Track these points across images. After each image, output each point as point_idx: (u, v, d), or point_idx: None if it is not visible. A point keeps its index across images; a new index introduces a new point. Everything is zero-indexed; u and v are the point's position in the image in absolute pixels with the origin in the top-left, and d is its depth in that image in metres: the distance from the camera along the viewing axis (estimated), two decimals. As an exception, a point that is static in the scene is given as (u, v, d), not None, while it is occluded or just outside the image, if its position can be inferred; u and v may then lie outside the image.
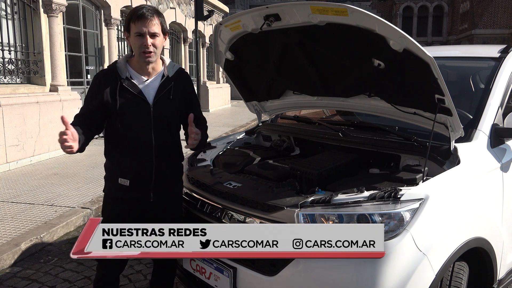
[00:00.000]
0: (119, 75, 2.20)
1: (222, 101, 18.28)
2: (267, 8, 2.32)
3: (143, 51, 2.13)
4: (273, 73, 2.86)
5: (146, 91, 2.22)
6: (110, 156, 2.31)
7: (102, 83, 2.21)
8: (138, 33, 2.12)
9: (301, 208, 1.97)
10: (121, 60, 2.26)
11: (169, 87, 2.25)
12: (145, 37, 2.11)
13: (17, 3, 7.18)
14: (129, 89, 2.19)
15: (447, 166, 2.23)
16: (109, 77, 2.22)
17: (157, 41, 2.16)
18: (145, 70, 2.23)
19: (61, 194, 5.27)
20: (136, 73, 2.23)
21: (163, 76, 2.27)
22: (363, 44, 2.21)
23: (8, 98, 6.53)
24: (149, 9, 2.15)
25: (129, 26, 2.16)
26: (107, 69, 2.28)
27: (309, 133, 3.04)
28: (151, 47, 2.14)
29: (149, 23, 2.11)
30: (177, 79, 2.30)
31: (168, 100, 2.25)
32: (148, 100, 2.21)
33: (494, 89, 2.60)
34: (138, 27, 2.11)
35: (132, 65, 2.25)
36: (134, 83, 2.21)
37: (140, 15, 2.11)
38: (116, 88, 2.18)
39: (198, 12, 9.43)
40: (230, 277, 2.12)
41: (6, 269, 3.55)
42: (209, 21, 17.23)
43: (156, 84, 2.24)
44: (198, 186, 2.47)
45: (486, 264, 2.32)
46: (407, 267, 1.85)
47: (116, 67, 2.23)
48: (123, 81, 2.19)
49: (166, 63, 2.31)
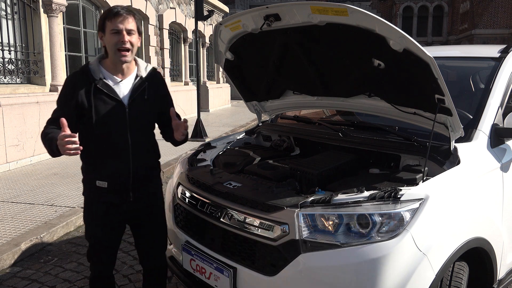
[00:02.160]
0: (92, 76, 2.18)
1: (222, 101, 18.28)
2: (267, 8, 2.32)
3: (119, 48, 2.13)
4: (273, 73, 2.86)
5: (120, 92, 2.22)
6: (86, 159, 2.30)
7: (76, 86, 2.18)
8: (115, 30, 2.11)
9: (301, 208, 1.96)
10: (93, 62, 2.25)
11: (144, 87, 2.26)
12: (121, 33, 2.12)
13: (17, 3, 7.17)
14: (104, 90, 2.18)
15: (447, 166, 2.23)
16: (82, 79, 2.19)
17: (133, 38, 2.16)
18: (119, 70, 2.22)
19: (61, 194, 5.27)
20: (110, 74, 2.22)
21: (137, 76, 2.27)
22: (363, 44, 2.21)
23: (8, 98, 6.53)
24: (123, 8, 2.17)
25: (104, 24, 2.15)
26: (79, 71, 2.26)
27: (309, 133, 3.04)
28: (128, 44, 2.14)
29: (125, 20, 2.12)
30: (151, 79, 2.31)
31: (143, 100, 2.26)
32: (123, 101, 2.21)
33: (494, 89, 2.60)
34: (114, 24, 2.11)
35: (106, 66, 2.23)
36: (108, 84, 2.20)
37: (116, 12, 2.12)
38: (90, 90, 2.16)
39: (198, 12, 9.42)
40: (230, 277, 2.12)
41: (6, 269, 3.55)
42: (209, 21, 17.23)
43: (130, 85, 2.25)
44: (198, 186, 2.47)
45: (486, 264, 2.32)
46: (407, 267, 1.85)
47: (89, 68, 2.21)
48: (97, 82, 2.17)
49: (139, 64, 2.31)
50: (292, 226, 1.95)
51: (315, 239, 1.93)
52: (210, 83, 17.33)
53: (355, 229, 1.90)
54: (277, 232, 2.00)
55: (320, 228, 1.94)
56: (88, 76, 2.19)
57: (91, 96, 2.16)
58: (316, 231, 1.94)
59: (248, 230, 2.12)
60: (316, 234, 1.94)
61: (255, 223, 2.10)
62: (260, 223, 2.07)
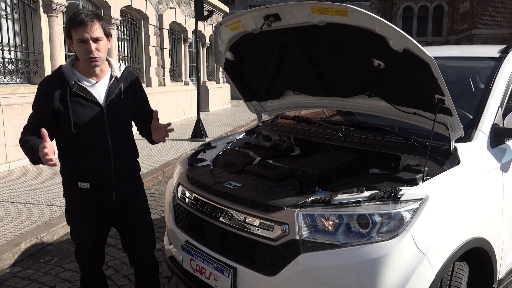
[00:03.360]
0: (67, 79, 2.16)
1: (222, 101, 18.28)
2: (267, 8, 2.32)
3: (88, 57, 2.11)
4: (273, 73, 2.86)
5: (97, 94, 2.21)
6: (66, 161, 2.29)
7: (50, 90, 2.15)
8: (80, 39, 2.08)
9: (301, 208, 1.96)
10: (66, 65, 2.23)
11: (119, 88, 2.27)
12: (88, 43, 2.08)
13: (17, 3, 7.18)
14: (80, 93, 2.17)
15: (447, 166, 2.23)
16: (56, 83, 2.17)
17: (100, 45, 2.13)
18: (93, 73, 2.22)
19: (61, 194, 5.22)
20: (84, 77, 2.21)
21: (111, 77, 2.27)
22: (363, 44, 2.21)
23: (8, 98, 6.53)
24: (88, 14, 2.10)
25: (70, 32, 2.12)
26: (52, 75, 2.23)
27: (309, 133, 3.04)
28: (96, 52, 2.11)
29: (90, 29, 2.07)
30: (126, 79, 2.32)
31: (120, 100, 2.26)
32: (100, 102, 2.21)
33: (494, 89, 2.60)
34: (79, 34, 2.07)
35: (79, 69, 2.22)
36: (83, 87, 2.19)
37: (80, 21, 2.06)
38: (66, 94, 2.15)
39: (198, 12, 9.42)
40: (230, 277, 2.12)
41: (6, 269, 3.55)
42: (209, 21, 17.23)
43: (106, 86, 2.24)
44: (198, 186, 2.47)
45: (486, 264, 2.32)
46: (407, 267, 1.85)
47: (63, 72, 2.19)
48: (72, 85, 2.16)
49: (113, 64, 2.30)
50: (292, 226, 1.95)
51: (315, 239, 1.93)
52: (210, 83, 17.33)
53: (355, 229, 1.90)
54: (277, 232, 2.00)
55: (320, 228, 1.94)
56: (63, 80, 2.17)
57: (67, 99, 2.14)
58: (316, 231, 1.94)
59: (248, 230, 2.12)
60: (316, 234, 1.94)
61: (255, 223, 2.09)
62: (260, 223, 2.07)
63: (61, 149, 2.30)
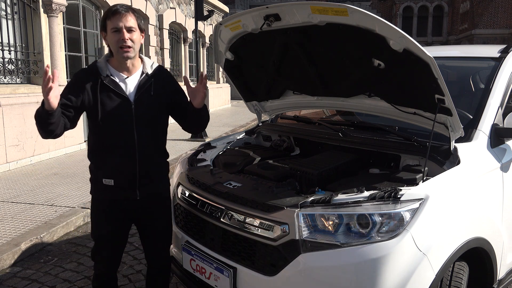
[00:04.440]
0: (99, 73, 2.21)
1: (222, 101, 18.28)
2: (267, 8, 2.32)
3: (121, 45, 2.15)
4: (273, 73, 2.86)
5: (126, 88, 2.23)
6: (93, 157, 2.31)
7: (82, 81, 2.21)
8: (115, 28, 2.13)
9: (301, 208, 1.96)
10: (101, 60, 2.28)
11: (149, 84, 2.27)
12: (121, 31, 2.13)
13: (17, 3, 7.17)
14: (110, 87, 2.20)
15: (447, 166, 2.23)
16: (89, 75, 2.22)
17: (134, 36, 2.17)
18: (125, 67, 2.24)
19: (61, 194, 5.27)
20: (116, 71, 2.24)
21: (143, 73, 2.29)
22: (363, 44, 2.21)
23: (8, 98, 6.53)
24: (123, 6, 2.19)
25: (105, 24, 2.18)
26: (86, 68, 2.30)
27: (309, 133, 3.04)
28: (129, 41, 2.15)
29: (125, 18, 2.14)
30: (157, 76, 2.32)
31: (149, 97, 2.26)
32: (129, 97, 2.22)
33: (494, 89, 2.60)
34: (114, 23, 2.13)
35: (112, 64, 2.26)
36: (114, 80, 2.22)
37: (115, 10, 2.15)
38: (96, 86, 2.19)
39: (198, 12, 9.43)
40: (230, 277, 2.12)
41: (6, 269, 3.55)
42: (209, 21, 17.23)
43: (136, 81, 2.26)
44: (198, 186, 2.47)
45: (486, 264, 2.32)
46: (407, 267, 1.85)
47: (97, 66, 2.24)
48: (104, 79, 2.20)
49: (145, 61, 2.33)
50: (292, 226, 1.95)
51: (315, 239, 1.93)
52: (210, 83, 17.33)
53: (355, 229, 1.90)
54: (277, 232, 2.00)
55: (320, 228, 1.94)
56: (95, 73, 2.21)
57: (98, 92, 2.18)
58: (316, 231, 1.94)
59: (248, 230, 2.12)
60: (316, 234, 1.94)
61: (255, 223, 2.09)
62: (260, 223, 2.07)
63: (90, 145, 2.33)
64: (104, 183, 2.24)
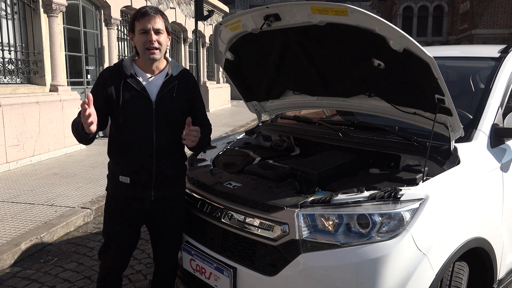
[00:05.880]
0: (124, 72, 2.23)
1: (222, 101, 18.28)
2: (267, 8, 2.32)
3: (148, 47, 2.17)
4: (273, 73, 2.86)
5: (149, 88, 2.24)
6: (112, 154, 2.34)
7: (107, 79, 2.25)
8: (143, 29, 2.16)
9: (301, 208, 1.96)
10: (127, 59, 2.31)
11: (173, 85, 2.28)
12: (149, 33, 2.16)
13: (17, 3, 7.18)
14: (133, 86, 2.22)
15: (447, 166, 2.23)
16: (114, 74, 2.26)
17: (161, 38, 2.20)
18: (150, 68, 2.26)
19: (61, 194, 5.27)
20: (141, 71, 2.27)
21: (167, 74, 2.30)
22: (363, 44, 2.21)
23: (8, 98, 6.53)
24: (152, 7, 2.21)
25: (133, 25, 2.20)
26: (113, 66, 2.33)
27: (309, 133, 3.04)
28: (156, 43, 2.17)
29: (153, 20, 2.16)
30: (181, 78, 2.33)
31: (171, 98, 2.26)
32: (151, 97, 2.23)
33: (494, 89, 2.60)
34: (143, 24, 2.16)
35: (138, 64, 2.29)
36: (138, 80, 2.24)
37: (144, 12, 2.17)
38: (120, 84, 2.22)
39: (198, 12, 9.44)
40: (230, 277, 2.12)
41: (6, 269, 3.55)
42: (209, 21, 17.23)
43: (160, 82, 2.27)
44: (198, 186, 2.47)
45: (486, 264, 2.32)
46: (407, 267, 1.85)
47: (122, 64, 2.27)
48: (128, 78, 2.22)
49: (171, 63, 2.34)
50: (292, 226, 1.95)
51: (315, 239, 1.93)
52: (210, 83, 17.33)
53: (355, 229, 1.90)
54: (277, 232, 2.00)
55: (320, 228, 1.94)
56: (120, 71, 2.24)
57: (121, 90, 2.21)
58: (316, 231, 1.94)
59: (248, 230, 2.12)
60: (316, 234, 1.94)
61: (255, 223, 2.10)
62: (260, 223, 2.07)
63: (109, 142, 2.34)
64: (120, 180, 2.25)
